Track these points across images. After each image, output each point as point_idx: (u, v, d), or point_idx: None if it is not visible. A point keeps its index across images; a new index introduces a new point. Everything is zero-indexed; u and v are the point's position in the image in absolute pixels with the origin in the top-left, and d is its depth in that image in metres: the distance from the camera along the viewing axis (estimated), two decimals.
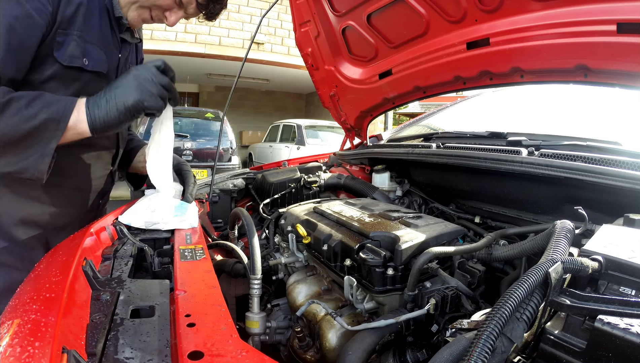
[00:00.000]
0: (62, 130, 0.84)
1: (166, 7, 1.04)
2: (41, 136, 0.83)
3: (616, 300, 0.48)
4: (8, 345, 0.45)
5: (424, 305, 0.77)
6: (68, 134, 0.87)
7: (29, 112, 0.81)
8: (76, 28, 0.94)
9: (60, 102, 0.86)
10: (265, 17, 1.87)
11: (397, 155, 1.49)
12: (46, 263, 0.75)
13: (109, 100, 0.88)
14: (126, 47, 1.15)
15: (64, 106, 0.86)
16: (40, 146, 0.83)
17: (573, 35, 1.03)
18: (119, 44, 1.11)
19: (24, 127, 0.80)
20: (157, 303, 0.69)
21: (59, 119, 0.84)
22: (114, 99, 0.88)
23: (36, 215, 1.02)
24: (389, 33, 1.51)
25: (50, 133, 0.83)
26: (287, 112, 13.65)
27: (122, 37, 1.11)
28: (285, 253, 1.18)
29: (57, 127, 0.84)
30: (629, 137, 1.17)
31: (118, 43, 1.10)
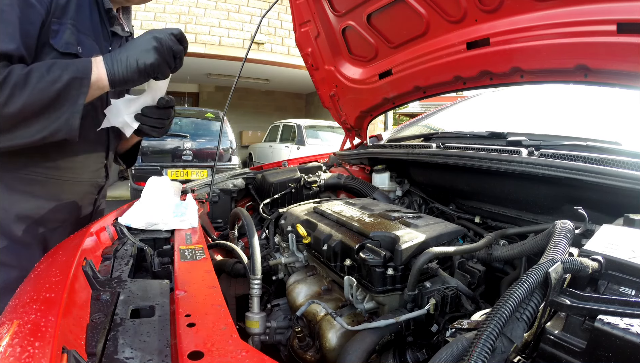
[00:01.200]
0: (86, 86, 0.89)
1: None
2: (68, 95, 0.87)
3: (616, 300, 0.48)
4: (8, 345, 0.45)
5: (424, 305, 0.77)
6: (91, 90, 0.91)
7: (52, 76, 0.85)
8: (69, 17, 0.97)
9: (78, 62, 0.91)
10: (265, 17, 1.87)
11: (397, 155, 1.49)
12: (46, 263, 0.75)
13: (130, 57, 0.93)
14: (117, 41, 1.16)
15: (84, 64, 0.90)
16: (69, 105, 0.88)
17: (573, 35, 1.03)
18: (109, 37, 1.13)
19: (51, 90, 0.85)
20: (157, 303, 0.69)
21: (81, 77, 0.88)
22: (134, 57, 0.93)
23: (32, 211, 1.02)
24: (389, 33, 1.51)
25: (76, 90, 0.88)
26: (287, 112, 13.64)
27: (112, 30, 1.13)
28: (285, 253, 1.18)
29: (82, 83, 0.88)
30: (629, 137, 1.17)
31: (109, 36, 1.13)
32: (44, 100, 0.85)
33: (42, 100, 0.85)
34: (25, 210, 1.01)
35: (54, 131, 0.88)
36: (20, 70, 0.84)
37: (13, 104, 0.82)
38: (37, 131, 0.87)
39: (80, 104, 0.89)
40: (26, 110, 0.84)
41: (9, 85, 0.81)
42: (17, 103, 0.82)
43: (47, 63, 0.88)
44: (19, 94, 0.82)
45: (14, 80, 0.82)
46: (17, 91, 0.82)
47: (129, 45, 0.95)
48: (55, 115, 0.87)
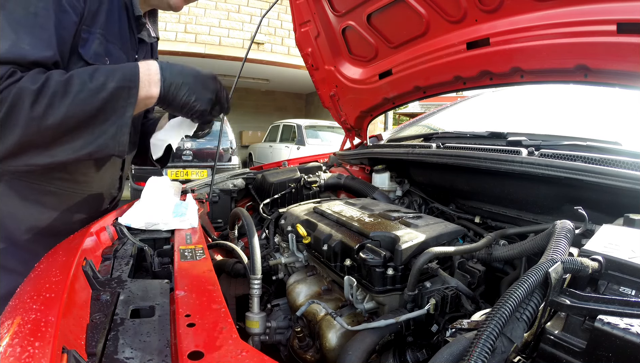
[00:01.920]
0: (134, 96, 0.81)
1: None
2: (115, 107, 0.79)
3: (616, 300, 0.48)
4: (8, 345, 0.45)
5: (424, 305, 0.77)
6: (138, 103, 0.83)
7: (96, 84, 0.77)
8: (99, 26, 0.91)
9: (124, 68, 0.83)
10: (265, 17, 1.87)
11: (397, 155, 1.49)
12: (46, 263, 0.75)
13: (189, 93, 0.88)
14: (143, 48, 1.12)
15: (131, 71, 0.82)
16: (116, 117, 0.79)
17: (573, 35, 1.03)
18: (136, 44, 1.08)
19: (95, 101, 0.77)
20: (157, 303, 0.69)
21: (129, 86, 0.80)
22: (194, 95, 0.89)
23: (44, 221, 0.99)
24: (389, 33, 1.51)
25: (124, 101, 0.80)
26: (287, 112, 13.65)
27: (139, 37, 1.08)
28: (285, 253, 1.18)
29: (130, 93, 0.80)
30: (629, 137, 1.17)
31: (136, 44, 1.08)
32: (87, 111, 0.76)
33: (84, 112, 0.76)
34: (37, 220, 0.99)
35: (101, 147, 0.80)
36: (60, 77, 0.76)
37: (52, 115, 0.74)
38: (81, 147, 0.78)
39: (128, 117, 0.81)
40: (67, 122, 0.75)
41: (47, 93, 0.74)
42: (56, 114, 0.74)
43: (89, 69, 0.80)
44: (59, 104, 0.74)
45: (52, 88, 0.74)
46: (57, 101, 0.74)
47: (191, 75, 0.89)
48: (100, 129, 0.78)
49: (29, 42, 0.77)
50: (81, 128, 0.77)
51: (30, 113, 0.73)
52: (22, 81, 0.73)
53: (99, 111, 0.78)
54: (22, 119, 0.73)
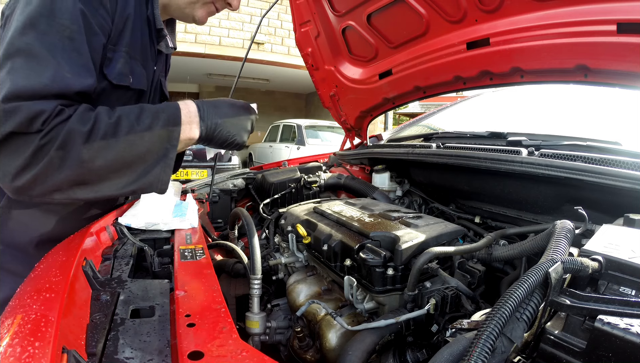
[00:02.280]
0: (177, 139, 0.82)
1: None
2: (159, 148, 0.80)
3: (616, 300, 0.48)
4: (8, 345, 0.45)
5: (424, 305, 0.77)
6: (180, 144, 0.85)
7: (142, 127, 0.78)
8: (124, 44, 0.90)
9: (167, 109, 0.84)
10: (265, 17, 1.87)
11: (397, 155, 1.49)
12: (46, 263, 0.75)
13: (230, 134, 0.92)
14: (160, 58, 1.12)
15: (174, 113, 0.83)
16: (159, 158, 0.80)
17: (573, 35, 1.03)
18: (155, 55, 1.08)
19: (141, 143, 0.78)
20: (157, 303, 0.69)
21: (172, 128, 0.82)
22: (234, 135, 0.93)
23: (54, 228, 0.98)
24: (389, 33, 1.51)
25: (168, 143, 0.81)
26: (287, 112, 13.65)
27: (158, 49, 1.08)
28: (285, 253, 1.18)
29: (172, 136, 0.82)
30: (629, 137, 1.17)
31: (155, 55, 1.07)
32: (134, 153, 0.77)
33: (131, 154, 0.77)
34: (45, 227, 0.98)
35: (144, 186, 0.81)
36: (108, 118, 0.76)
37: (101, 157, 0.74)
38: (125, 185, 0.79)
39: (172, 158, 0.82)
40: (115, 163, 0.76)
41: (97, 136, 0.74)
42: (106, 157, 0.74)
43: (135, 110, 0.80)
44: (108, 146, 0.74)
45: (102, 130, 0.74)
46: (106, 143, 0.74)
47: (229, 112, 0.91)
48: (144, 169, 0.79)
49: (69, 70, 0.75)
50: (127, 168, 0.78)
51: (80, 155, 0.73)
52: (71, 122, 0.72)
53: (144, 153, 0.79)
54: (71, 161, 0.72)
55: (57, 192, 0.75)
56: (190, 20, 1.06)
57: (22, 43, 0.72)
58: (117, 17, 0.87)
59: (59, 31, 0.75)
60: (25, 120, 0.69)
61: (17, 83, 0.70)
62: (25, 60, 0.72)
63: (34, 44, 0.73)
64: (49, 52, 0.73)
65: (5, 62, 0.72)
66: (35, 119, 0.70)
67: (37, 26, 0.73)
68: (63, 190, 0.75)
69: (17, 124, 0.69)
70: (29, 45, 0.72)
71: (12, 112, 0.69)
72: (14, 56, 0.72)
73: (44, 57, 0.73)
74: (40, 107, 0.70)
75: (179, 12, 1.04)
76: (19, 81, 0.71)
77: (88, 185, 0.76)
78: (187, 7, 1.01)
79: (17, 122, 0.69)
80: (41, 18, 0.73)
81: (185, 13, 1.03)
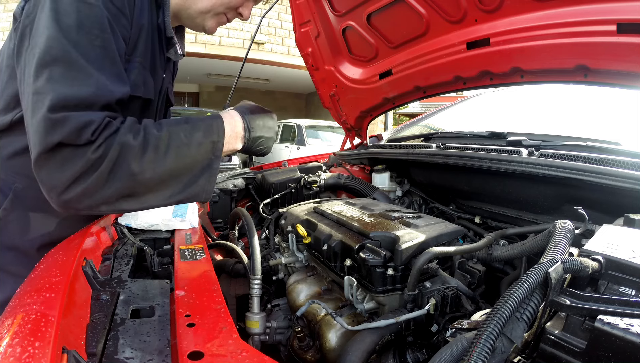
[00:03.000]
0: (220, 150, 0.84)
1: (238, 4, 1.02)
2: (204, 159, 0.82)
3: (616, 300, 0.48)
4: (8, 345, 0.45)
5: (424, 305, 0.77)
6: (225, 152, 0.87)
7: (189, 139, 0.79)
8: (138, 54, 0.91)
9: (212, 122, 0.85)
10: (265, 17, 1.87)
11: (397, 155, 1.49)
12: (46, 263, 0.75)
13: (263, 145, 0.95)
14: (169, 66, 1.12)
15: (217, 126, 0.85)
16: (205, 169, 0.82)
17: (573, 35, 1.03)
18: (164, 63, 1.08)
19: (189, 156, 0.79)
20: (157, 303, 0.69)
21: (217, 140, 0.83)
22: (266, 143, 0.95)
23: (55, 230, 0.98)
24: (389, 33, 1.51)
25: (213, 155, 0.83)
26: (287, 112, 13.65)
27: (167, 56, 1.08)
28: (285, 253, 1.18)
29: (216, 147, 0.83)
30: (629, 137, 1.17)
31: (164, 63, 1.08)
32: (181, 165, 0.78)
33: (178, 166, 0.78)
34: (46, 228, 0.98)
35: (190, 196, 0.81)
36: (157, 131, 0.76)
37: (151, 170, 0.75)
38: (170, 196, 0.79)
39: (216, 169, 0.84)
40: (164, 175, 0.76)
41: (148, 149, 0.74)
42: (156, 169, 0.75)
43: (181, 122, 0.81)
44: (158, 159, 0.75)
45: (153, 143, 0.75)
46: (157, 156, 0.75)
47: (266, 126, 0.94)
48: (190, 180, 0.80)
49: (107, 78, 0.76)
50: (173, 179, 0.79)
51: (131, 168, 0.73)
52: (121, 135, 0.72)
53: (191, 165, 0.80)
54: (122, 173, 0.72)
55: (104, 205, 0.74)
56: (200, 29, 1.06)
57: (58, 51, 0.71)
58: (133, 26, 0.87)
59: (90, 40, 0.74)
60: (74, 131, 0.68)
61: (61, 92, 0.69)
62: (64, 69, 0.71)
63: (70, 52, 0.71)
64: (86, 60, 0.73)
65: (41, 70, 0.71)
66: (84, 129, 0.68)
67: (69, 35, 0.72)
68: (111, 202, 0.75)
69: (65, 134, 0.68)
70: (66, 54, 0.71)
71: (61, 122, 0.68)
72: (52, 65, 0.71)
73: (83, 66, 0.72)
74: (89, 118, 0.69)
75: (190, 21, 1.04)
76: (62, 90, 0.70)
77: (135, 197, 0.76)
78: (198, 16, 1.01)
79: (66, 132, 0.68)
80: (71, 28, 0.73)
81: (196, 22, 1.03)
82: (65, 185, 0.70)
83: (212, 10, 1.00)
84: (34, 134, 0.70)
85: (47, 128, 0.68)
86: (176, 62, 1.21)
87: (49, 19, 0.72)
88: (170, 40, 1.04)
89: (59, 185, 0.70)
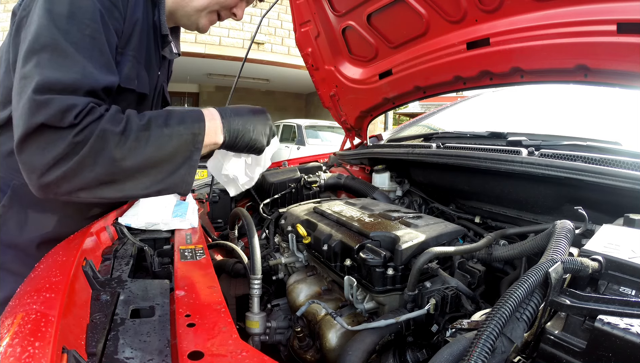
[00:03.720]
0: (201, 143, 0.84)
1: (233, 4, 1.05)
2: (185, 150, 0.82)
3: (616, 300, 0.48)
4: (8, 345, 0.45)
5: (424, 305, 0.77)
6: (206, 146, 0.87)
7: (170, 130, 0.80)
8: (131, 48, 0.92)
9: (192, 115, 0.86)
10: (265, 17, 1.87)
11: (397, 155, 1.49)
12: (46, 263, 0.75)
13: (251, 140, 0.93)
14: (164, 64, 1.14)
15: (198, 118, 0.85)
16: (184, 160, 0.82)
17: (573, 35, 1.03)
18: (159, 61, 1.09)
19: (169, 146, 0.80)
20: (157, 303, 0.69)
21: (197, 132, 0.84)
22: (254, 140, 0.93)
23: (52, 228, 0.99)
24: (389, 33, 1.51)
25: (192, 146, 0.83)
26: (287, 112, 13.65)
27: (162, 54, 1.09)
28: (285, 253, 1.18)
29: (197, 139, 0.84)
30: (629, 137, 1.17)
31: (159, 61, 1.09)
32: (162, 155, 0.79)
33: (159, 156, 0.79)
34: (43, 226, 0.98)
35: (169, 186, 0.82)
36: (139, 120, 0.78)
37: (132, 158, 0.75)
38: (150, 185, 0.80)
39: (196, 160, 0.85)
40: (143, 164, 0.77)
41: (129, 137, 0.75)
42: (136, 157, 0.76)
43: (162, 113, 0.82)
44: (139, 147, 0.76)
45: (134, 132, 0.76)
46: (138, 145, 0.76)
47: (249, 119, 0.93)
48: (170, 170, 0.81)
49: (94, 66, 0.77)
50: (153, 168, 0.79)
51: (112, 155, 0.73)
52: (103, 122, 0.73)
53: (171, 155, 0.81)
54: (102, 160, 0.73)
55: (83, 191, 0.76)
56: (194, 28, 1.08)
57: (47, 39, 0.73)
58: (127, 20, 0.89)
59: (80, 30, 0.76)
60: (57, 113, 0.69)
61: (46, 75, 0.71)
62: (52, 55, 0.73)
63: (59, 40, 0.73)
64: (74, 49, 0.74)
65: (30, 56, 0.73)
66: (67, 112, 0.70)
67: (59, 24, 0.74)
68: (90, 188, 0.76)
69: (49, 116, 0.69)
70: (55, 41, 0.73)
71: (45, 103, 0.69)
72: (40, 52, 0.73)
73: (71, 53, 0.74)
74: (72, 101, 0.71)
75: (185, 20, 1.06)
76: (48, 73, 0.71)
77: (115, 184, 0.77)
78: (194, 14, 1.03)
79: (50, 114, 0.69)
80: (61, 17, 0.75)
81: (191, 21, 1.05)
82: (45, 167, 0.71)
83: (207, 8, 1.03)
84: (19, 118, 0.71)
85: (32, 109, 0.69)
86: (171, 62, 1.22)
87: (41, 9, 0.75)
88: (166, 38, 1.05)
89: (39, 167, 0.71)
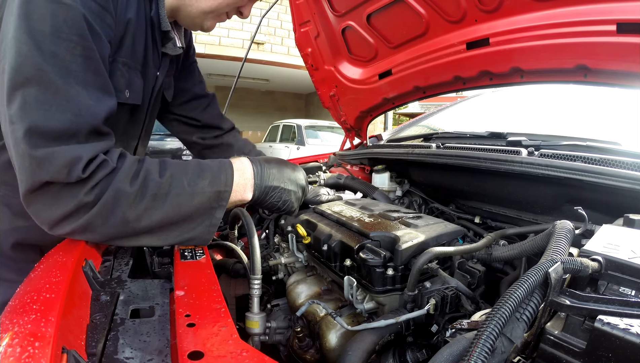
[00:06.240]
0: (226, 200, 0.78)
1: (240, 4, 0.98)
2: (207, 208, 0.76)
3: (616, 301, 0.48)
4: (8, 345, 0.45)
5: (424, 305, 0.77)
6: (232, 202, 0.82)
7: (193, 188, 0.74)
8: (123, 54, 0.83)
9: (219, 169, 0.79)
10: (265, 17, 1.87)
11: (397, 155, 1.49)
12: (46, 263, 0.75)
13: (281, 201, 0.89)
14: (165, 61, 1.05)
15: (225, 174, 0.79)
16: (206, 218, 0.77)
17: (573, 35, 1.03)
18: (159, 60, 1.01)
19: (190, 204, 0.74)
20: (157, 303, 0.69)
21: (224, 190, 0.77)
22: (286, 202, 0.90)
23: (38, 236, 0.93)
24: (389, 33, 1.51)
25: (216, 203, 0.77)
26: (287, 112, 13.66)
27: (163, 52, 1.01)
28: (285, 254, 1.18)
29: (222, 197, 0.77)
30: (629, 137, 1.17)
31: (159, 59, 1.01)
32: (181, 213, 0.73)
33: (178, 214, 0.73)
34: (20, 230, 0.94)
35: (187, 241, 0.77)
36: (158, 176, 0.70)
37: (148, 218, 0.69)
38: (165, 239, 0.75)
39: (218, 218, 0.78)
40: (160, 223, 0.71)
41: (145, 197, 0.68)
42: (153, 218, 0.70)
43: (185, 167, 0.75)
44: (156, 208, 0.69)
45: (152, 191, 0.69)
46: (155, 205, 0.69)
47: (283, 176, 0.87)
48: (190, 227, 0.76)
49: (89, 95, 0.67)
50: (172, 225, 0.74)
51: (125, 216, 0.68)
52: (117, 180, 0.67)
53: (192, 213, 0.75)
54: (114, 220, 0.68)
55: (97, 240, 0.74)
56: (197, 28, 1.01)
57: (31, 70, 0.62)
58: (118, 23, 0.79)
59: (69, 49, 0.65)
60: (61, 168, 0.63)
61: (35, 122, 0.62)
62: (38, 90, 0.62)
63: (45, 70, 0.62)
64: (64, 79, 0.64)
65: (14, 93, 0.62)
66: (73, 166, 0.63)
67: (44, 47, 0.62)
68: (103, 240, 0.74)
69: (53, 173, 0.63)
70: (40, 72, 0.62)
71: (46, 160, 0.62)
72: (24, 86, 0.62)
73: (61, 86, 0.63)
74: (76, 153, 0.64)
75: (188, 20, 0.98)
76: (38, 119, 0.62)
77: (128, 239, 0.74)
78: (198, 16, 0.96)
79: (53, 170, 0.63)
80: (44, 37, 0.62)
81: (195, 22, 0.98)
82: (55, 222, 0.67)
83: (217, 11, 0.95)
84: (19, 171, 0.65)
85: (32, 166, 0.63)
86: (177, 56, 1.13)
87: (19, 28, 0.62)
88: (167, 34, 0.97)
89: (48, 221, 0.68)
